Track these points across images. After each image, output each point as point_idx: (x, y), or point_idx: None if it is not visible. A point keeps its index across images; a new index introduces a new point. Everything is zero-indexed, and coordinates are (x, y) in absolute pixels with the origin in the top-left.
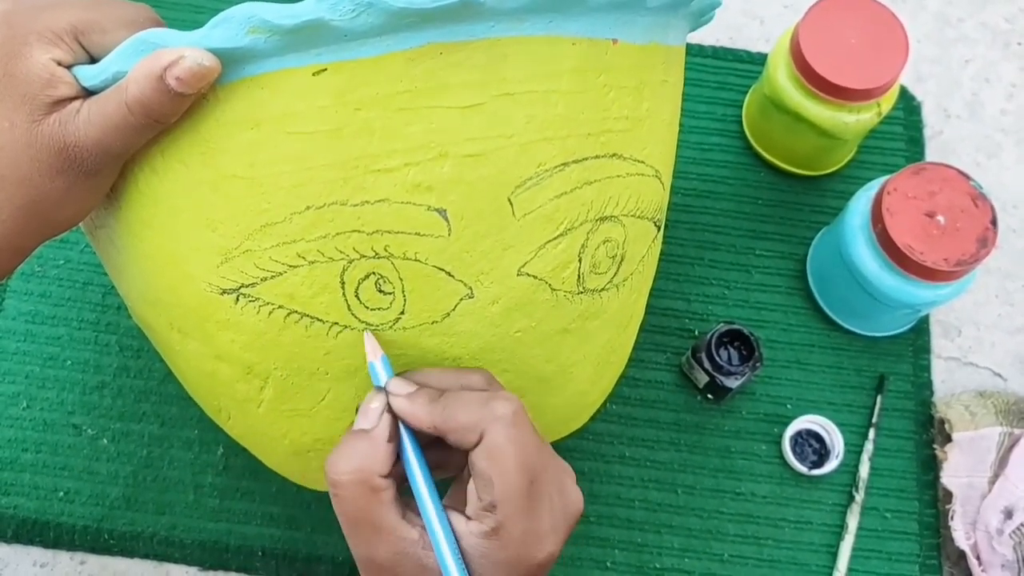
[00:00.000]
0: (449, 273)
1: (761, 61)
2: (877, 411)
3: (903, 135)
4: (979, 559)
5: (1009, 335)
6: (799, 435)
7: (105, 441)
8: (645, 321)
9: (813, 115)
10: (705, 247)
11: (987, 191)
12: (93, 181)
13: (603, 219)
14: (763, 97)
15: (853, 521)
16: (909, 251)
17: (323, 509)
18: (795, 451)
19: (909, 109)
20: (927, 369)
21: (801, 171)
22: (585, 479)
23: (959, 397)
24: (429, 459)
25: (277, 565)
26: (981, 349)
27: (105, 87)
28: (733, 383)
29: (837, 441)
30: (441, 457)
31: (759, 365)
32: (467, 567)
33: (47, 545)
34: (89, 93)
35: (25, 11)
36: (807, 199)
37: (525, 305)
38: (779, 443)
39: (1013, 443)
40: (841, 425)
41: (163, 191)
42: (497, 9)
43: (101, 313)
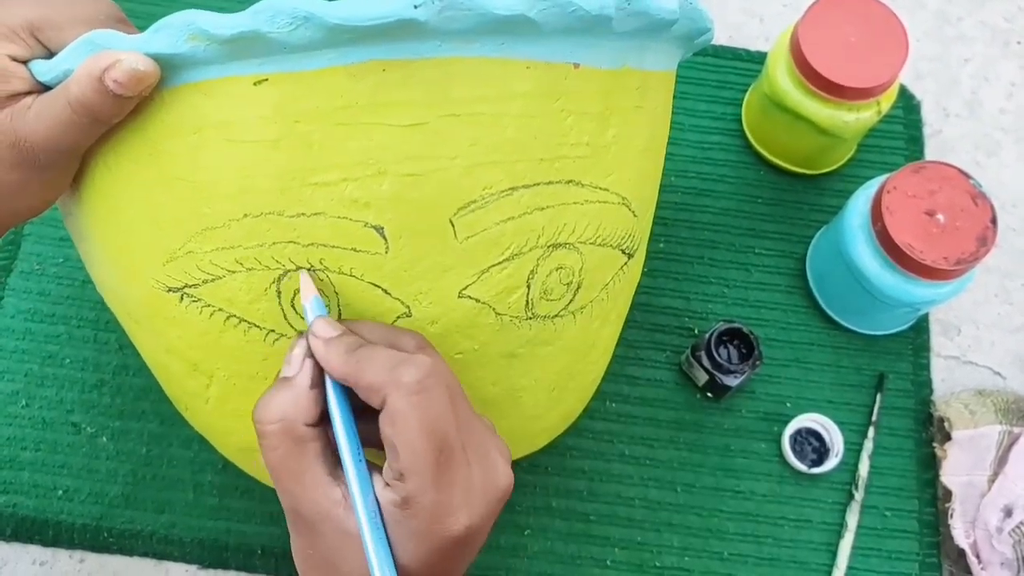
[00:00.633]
0: (386, 291)
1: (761, 60)
2: (877, 409)
3: (903, 134)
4: (979, 557)
5: (1008, 334)
6: (799, 433)
7: (104, 439)
8: (644, 320)
9: (813, 114)
10: (704, 246)
11: (987, 190)
12: (49, 175)
13: (556, 246)
14: (763, 96)
15: (853, 519)
16: (909, 250)
17: None
18: (795, 449)
19: (909, 108)
20: (927, 368)
21: (801, 170)
22: (585, 477)
23: (959, 396)
24: (367, 420)
25: (277, 563)
26: (980, 348)
27: (57, 83)
28: (733, 381)
29: (837, 439)
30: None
31: (759, 363)
32: (386, 534)
33: (46, 543)
34: (45, 88)
35: None
36: (807, 198)
37: (467, 327)
38: (779, 441)
39: (1012, 441)
40: (841, 423)
41: (115, 188)
42: (442, 29)
43: (100, 311)
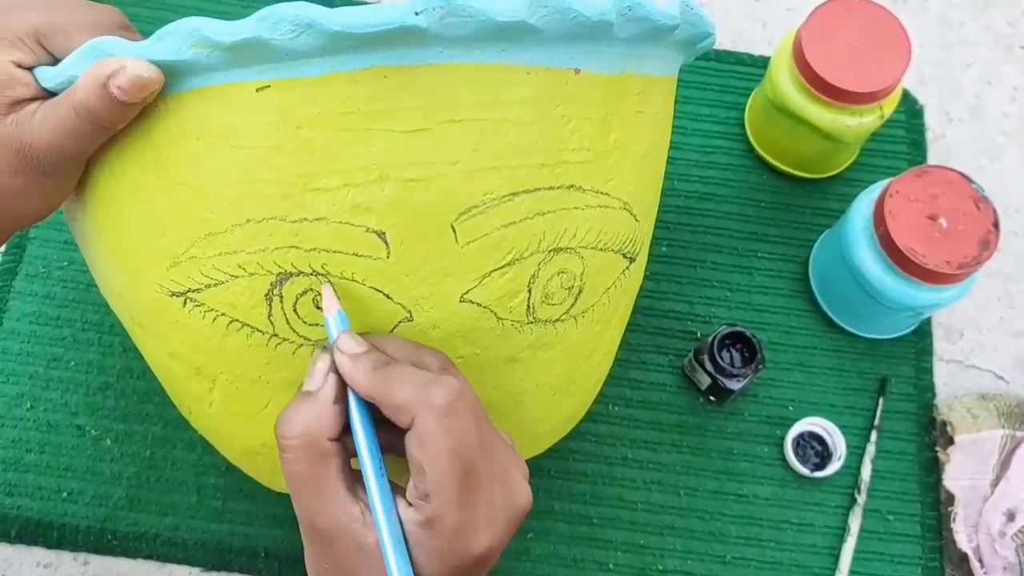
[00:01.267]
0: (387, 295)
1: (763, 64)
2: (879, 413)
3: (905, 138)
4: (981, 562)
5: (1011, 338)
6: (801, 437)
7: (108, 442)
8: (646, 324)
9: (815, 118)
10: (707, 249)
11: (989, 194)
12: (53, 180)
13: (557, 250)
14: (765, 100)
15: (855, 523)
16: (911, 254)
17: None
18: (797, 453)
19: (911, 112)
20: (929, 372)
21: (803, 174)
22: (587, 481)
23: (961, 400)
24: (383, 430)
25: (280, 566)
26: (983, 352)
27: (62, 89)
28: (735, 385)
29: (839, 443)
30: (391, 437)
31: (761, 367)
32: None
33: (50, 546)
34: (50, 94)
35: None
36: (809, 202)
37: (468, 332)
38: (781, 445)
39: (1015, 446)
40: (843, 427)
41: (119, 193)
42: (443, 36)
43: (105, 314)
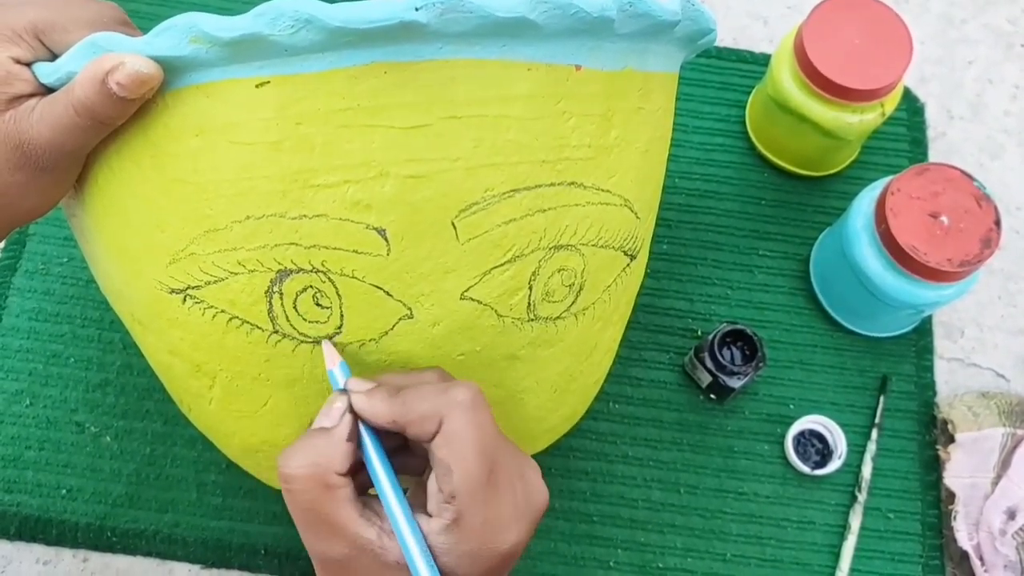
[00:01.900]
0: (387, 292)
1: (765, 62)
2: (880, 411)
3: (906, 136)
4: (982, 560)
5: (1012, 336)
6: (802, 435)
7: (108, 439)
8: (647, 321)
9: (816, 115)
10: (708, 247)
11: (990, 192)
12: (52, 176)
13: (558, 247)
14: (767, 97)
15: (856, 521)
16: (912, 251)
17: None
18: (798, 451)
19: (912, 110)
20: (930, 370)
21: (804, 171)
22: (588, 479)
23: (962, 398)
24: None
25: (280, 563)
26: (984, 350)
27: (60, 85)
28: (736, 383)
29: (840, 441)
30: (401, 462)
31: (762, 365)
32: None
33: (50, 543)
34: (49, 90)
35: None
36: (810, 199)
37: (468, 329)
38: (782, 443)
39: (1016, 444)
40: (844, 425)
41: (118, 190)
42: (444, 31)
43: (104, 311)
